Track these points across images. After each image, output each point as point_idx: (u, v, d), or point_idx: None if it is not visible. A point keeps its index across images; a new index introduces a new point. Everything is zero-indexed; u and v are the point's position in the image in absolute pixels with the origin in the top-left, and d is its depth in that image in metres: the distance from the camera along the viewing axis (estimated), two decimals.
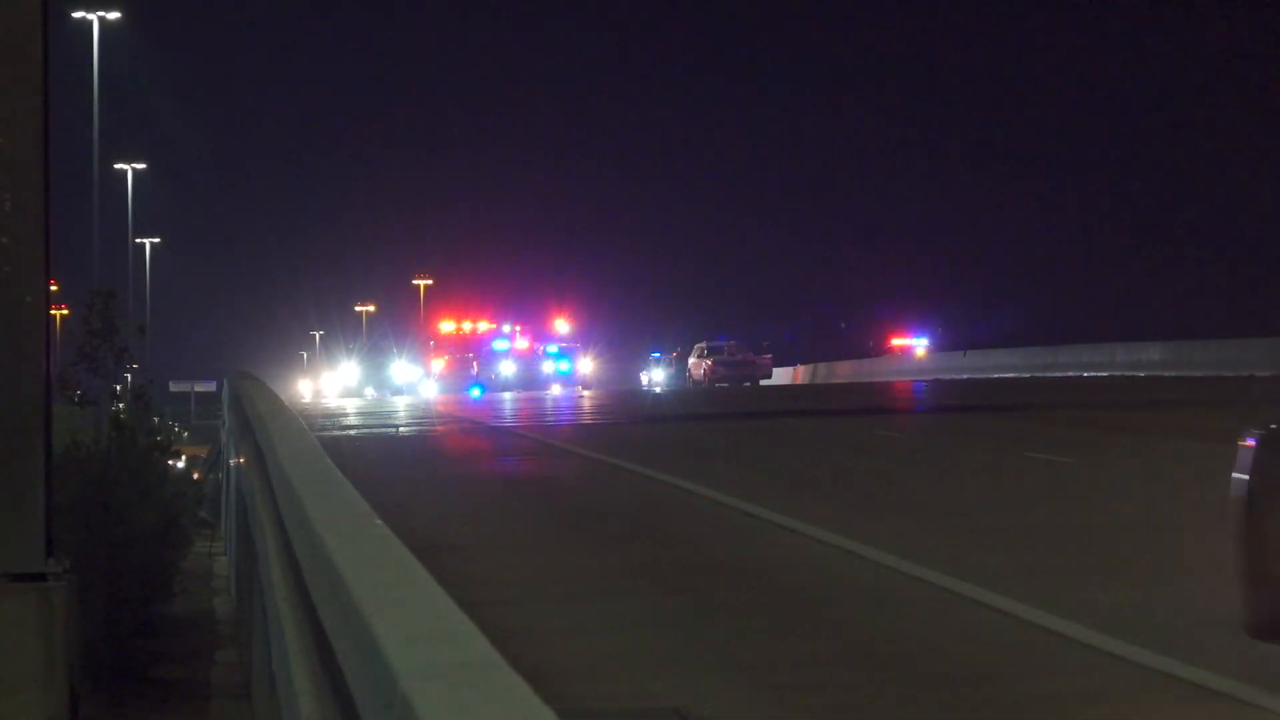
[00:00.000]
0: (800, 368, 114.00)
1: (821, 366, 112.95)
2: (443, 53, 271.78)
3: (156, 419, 31.97)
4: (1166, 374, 70.02)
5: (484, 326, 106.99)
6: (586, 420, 49.08)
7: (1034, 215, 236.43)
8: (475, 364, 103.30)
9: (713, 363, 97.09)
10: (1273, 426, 11.31)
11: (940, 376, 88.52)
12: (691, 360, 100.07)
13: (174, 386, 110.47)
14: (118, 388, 28.98)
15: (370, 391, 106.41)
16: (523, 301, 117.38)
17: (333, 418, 54.21)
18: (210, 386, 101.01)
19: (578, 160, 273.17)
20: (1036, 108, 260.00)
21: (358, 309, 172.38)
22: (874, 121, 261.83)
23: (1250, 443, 11.34)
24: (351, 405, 73.17)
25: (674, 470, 27.00)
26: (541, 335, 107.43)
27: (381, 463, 32.88)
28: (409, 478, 29.01)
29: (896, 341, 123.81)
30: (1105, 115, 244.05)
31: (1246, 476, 11.28)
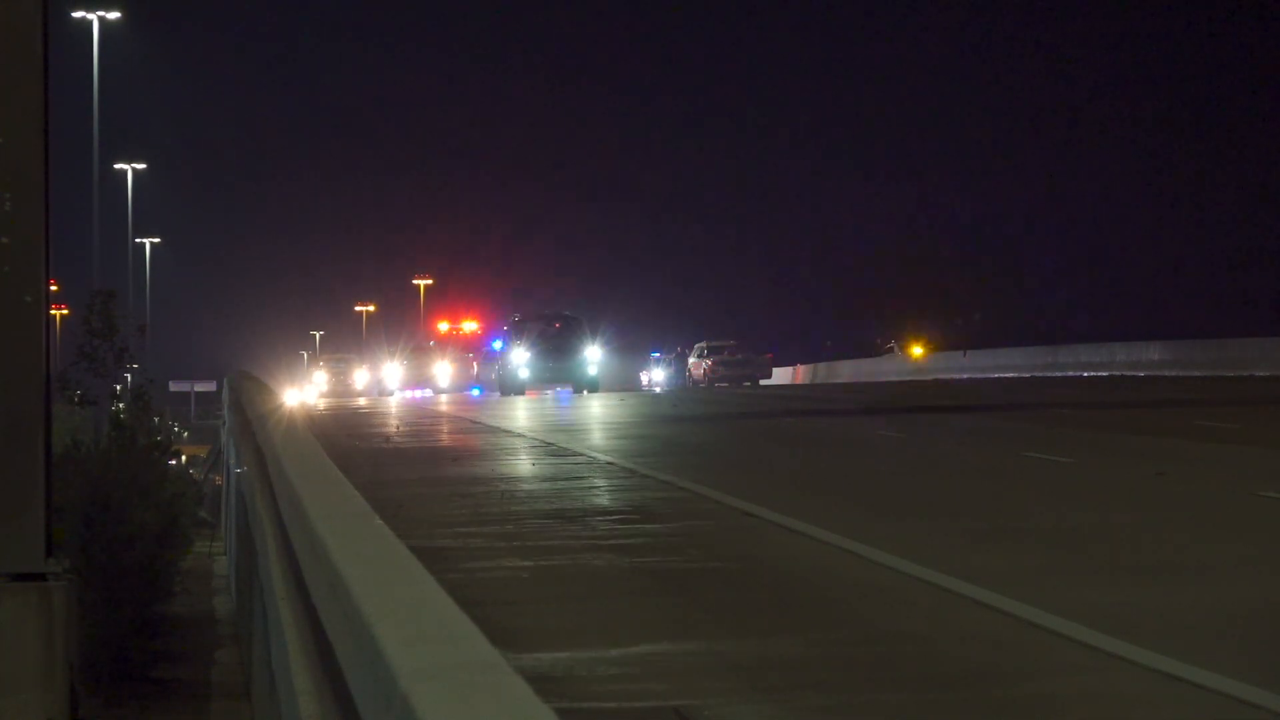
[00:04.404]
0: (800, 367, 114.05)
1: (821, 366, 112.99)
2: (443, 53, 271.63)
3: (156, 419, 31.98)
4: (1166, 374, 70.03)
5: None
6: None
7: (1033, 215, 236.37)
8: (475, 364, 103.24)
9: (713, 362, 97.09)
10: None
11: (940, 376, 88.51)
12: (691, 360, 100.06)
13: (174, 386, 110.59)
14: (118, 388, 28.99)
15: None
16: (523, 301, 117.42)
17: None
18: (210, 386, 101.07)
19: (577, 159, 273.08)
20: (1032, 106, 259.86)
21: (358, 309, 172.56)
22: (869, 119, 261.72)
23: None
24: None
25: (675, 470, 27.00)
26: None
27: None
28: None
29: (895, 341, 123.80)
30: (1104, 114, 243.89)
31: None
